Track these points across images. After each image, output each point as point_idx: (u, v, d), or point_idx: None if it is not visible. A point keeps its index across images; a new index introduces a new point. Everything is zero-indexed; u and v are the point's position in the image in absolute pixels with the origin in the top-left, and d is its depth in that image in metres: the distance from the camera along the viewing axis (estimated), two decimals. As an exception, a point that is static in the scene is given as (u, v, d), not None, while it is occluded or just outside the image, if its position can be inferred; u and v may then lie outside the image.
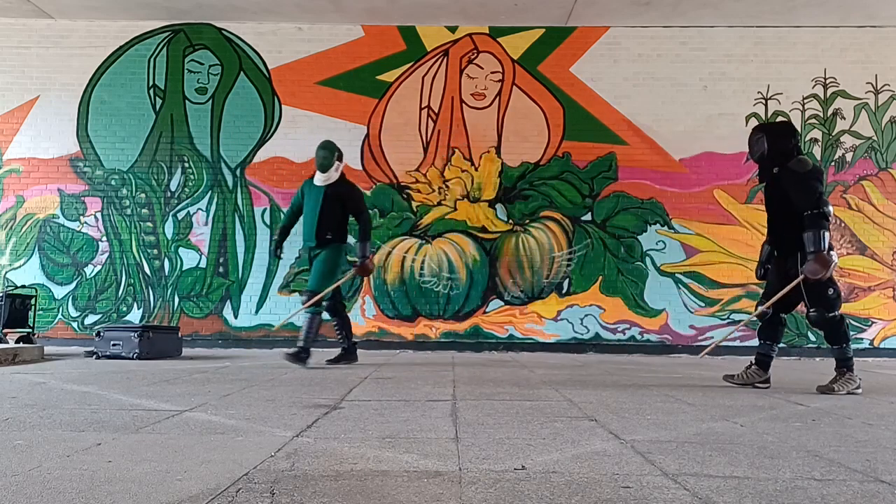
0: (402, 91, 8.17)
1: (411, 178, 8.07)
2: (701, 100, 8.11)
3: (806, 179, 4.11)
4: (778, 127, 4.52)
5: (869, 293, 7.86)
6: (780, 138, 4.31)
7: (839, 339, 4.14)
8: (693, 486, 1.84)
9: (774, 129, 4.45)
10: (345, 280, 5.86)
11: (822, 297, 4.07)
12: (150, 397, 3.51)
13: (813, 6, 7.60)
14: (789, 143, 4.29)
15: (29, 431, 2.52)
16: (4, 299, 6.73)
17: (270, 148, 8.12)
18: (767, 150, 4.31)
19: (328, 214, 5.59)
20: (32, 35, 8.21)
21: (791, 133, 4.37)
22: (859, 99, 8.07)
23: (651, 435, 2.60)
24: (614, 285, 7.90)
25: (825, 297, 4.06)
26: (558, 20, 8.04)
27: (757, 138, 4.41)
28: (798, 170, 4.14)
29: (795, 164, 4.17)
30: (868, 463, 2.16)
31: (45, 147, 8.14)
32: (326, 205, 5.59)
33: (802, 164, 4.16)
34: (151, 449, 2.24)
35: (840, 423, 2.96)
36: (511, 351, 7.78)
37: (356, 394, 3.75)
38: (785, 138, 4.31)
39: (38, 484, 1.79)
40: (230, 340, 7.83)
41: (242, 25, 8.20)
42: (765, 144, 4.33)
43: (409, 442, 2.40)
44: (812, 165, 4.20)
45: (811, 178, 4.12)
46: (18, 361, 5.50)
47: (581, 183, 8.02)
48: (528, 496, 1.72)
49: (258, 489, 1.75)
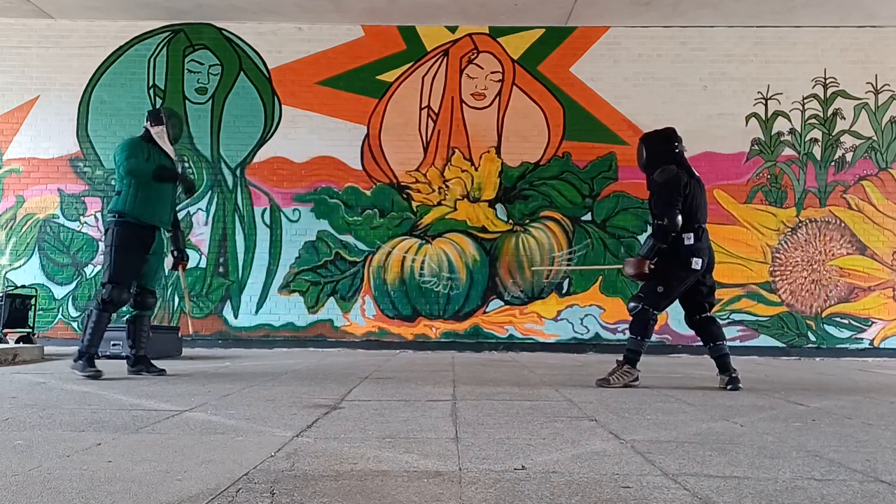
0: (402, 91, 8.17)
1: (411, 178, 8.07)
2: (701, 100, 8.11)
3: (661, 189, 4.23)
4: (656, 134, 4.54)
5: (869, 293, 7.86)
6: (656, 146, 4.38)
7: (638, 331, 4.29)
8: (693, 486, 1.84)
9: (651, 138, 4.48)
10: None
11: (650, 291, 4.27)
12: (150, 397, 3.51)
13: (813, 6, 7.60)
14: (665, 150, 4.34)
15: (29, 431, 2.52)
16: (4, 299, 6.73)
17: (270, 148, 8.12)
18: (646, 159, 4.40)
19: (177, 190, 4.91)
20: (32, 35, 8.21)
21: (666, 140, 4.40)
22: (859, 99, 8.07)
23: (651, 435, 2.60)
24: (614, 285, 7.90)
25: (652, 291, 4.26)
26: (558, 20, 8.04)
27: (639, 147, 4.50)
28: (658, 179, 4.26)
29: (658, 174, 4.27)
30: (868, 463, 2.16)
31: (45, 147, 8.14)
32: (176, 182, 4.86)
33: (663, 174, 4.24)
34: (151, 449, 2.24)
35: (840, 423, 2.96)
36: (511, 351, 7.78)
37: (356, 394, 3.75)
38: (660, 145, 4.38)
39: (38, 484, 1.79)
40: (230, 340, 7.83)
41: (242, 25, 8.20)
42: (644, 153, 4.42)
43: (409, 442, 2.40)
44: (672, 174, 4.22)
45: (666, 187, 4.21)
46: (18, 361, 5.50)
47: (581, 183, 8.02)
48: (528, 496, 1.72)
49: (258, 489, 1.75)
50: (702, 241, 4.26)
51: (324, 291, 7.95)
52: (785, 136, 8.06)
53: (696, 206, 4.26)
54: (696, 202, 4.28)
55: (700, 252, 4.22)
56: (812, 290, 7.88)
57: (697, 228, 4.25)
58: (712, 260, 4.39)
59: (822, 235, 7.92)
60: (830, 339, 7.80)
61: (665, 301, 4.30)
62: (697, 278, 4.28)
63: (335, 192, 8.05)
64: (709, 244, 4.35)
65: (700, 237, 4.25)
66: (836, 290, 7.87)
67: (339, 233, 8.00)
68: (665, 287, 4.24)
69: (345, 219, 8.02)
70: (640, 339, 4.28)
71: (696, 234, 4.23)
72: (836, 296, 7.86)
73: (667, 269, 4.25)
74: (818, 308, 7.86)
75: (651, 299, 4.26)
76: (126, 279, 4.61)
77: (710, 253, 4.34)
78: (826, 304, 7.85)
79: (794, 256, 7.91)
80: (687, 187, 4.21)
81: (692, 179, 4.29)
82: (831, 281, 7.88)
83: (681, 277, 4.24)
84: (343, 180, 8.07)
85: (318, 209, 8.03)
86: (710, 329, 4.35)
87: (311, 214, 8.03)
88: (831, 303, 7.85)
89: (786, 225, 7.95)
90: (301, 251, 8.00)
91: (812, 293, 7.87)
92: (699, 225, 4.27)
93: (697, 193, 4.29)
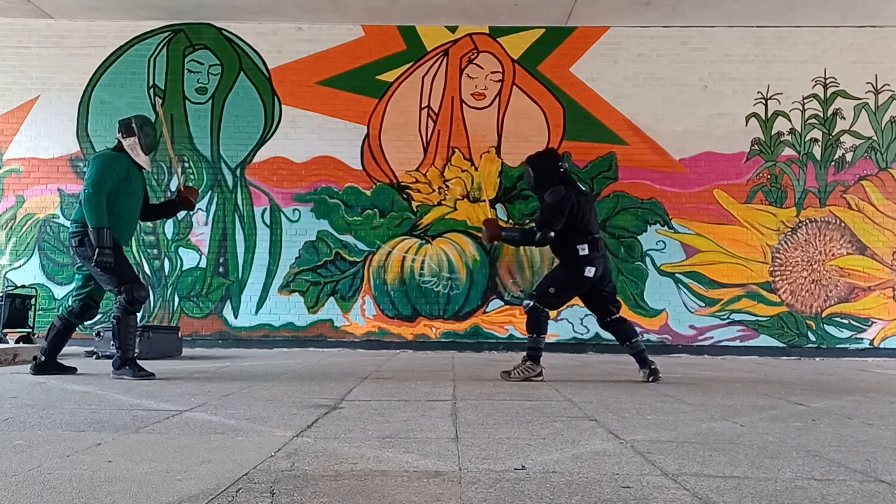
0: (402, 91, 8.17)
1: (411, 178, 8.07)
2: (701, 100, 8.11)
3: (548, 208, 4.48)
4: (541, 155, 4.80)
5: (869, 293, 7.86)
6: (542, 167, 4.63)
7: (533, 328, 4.50)
8: (693, 486, 1.84)
9: (538, 159, 4.71)
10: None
11: (543, 291, 4.53)
12: (150, 397, 3.51)
13: (813, 6, 7.60)
14: (551, 170, 4.60)
15: (29, 431, 2.52)
16: (4, 299, 6.73)
17: (270, 148, 8.12)
18: (534, 180, 4.64)
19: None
20: (32, 35, 8.21)
21: (551, 160, 4.67)
22: (859, 99, 8.07)
23: (651, 435, 2.60)
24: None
25: (545, 292, 4.51)
26: (558, 20, 8.04)
27: (525, 170, 4.75)
28: (548, 199, 4.51)
29: (548, 194, 4.53)
30: (868, 463, 2.16)
31: (45, 147, 8.14)
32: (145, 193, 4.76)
33: (553, 194, 4.49)
34: (151, 449, 2.24)
35: (840, 423, 2.96)
36: (511, 351, 7.77)
37: (356, 394, 3.75)
38: (547, 166, 4.62)
39: (38, 484, 1.79)
40: (230, 340, 7.83)
41: (242, 25, 8.20)
42: (532, 174, 4.66)
43: (409, 442, 2.40)
44: (561, 196, 4.45)
45: (552, 208, 4.46)
46: (18, 361, 5.50)
47: (581, 183, 8.00)
48: (528, 496, 1.72)
49: (258, 489, 1.75)
50: (595, 250, 4.52)
51: (324, 291, 7.95)
52: (785, 136, 8.06)
53: (586, 219, 4.53)
54: (587, 216, 4.54)
55: (594, 261, 4.49)
56: (812, 290, 7.88)
57: (591, 239, 4.51)
58: (608, 267, 4.67)
59: (822, 235, 7.92)
60: (830, 339, 7.80)
61: (555, 302, 4.58)
62: (594, 284, 4.55)
63: (335, 192, 8.05)
64: (604, 252, 4.62)
65: (594, 247, 4.51)
66: (836, 290, 7.87)
67: (339, 233, 8.00)
68: (556, 290, 4.53)
69: (345, 219, 8.02)
70: (537, 336, 4.51)
71: (591, 245, 4.50)
72: (836, 296, 7.86)
73: (562, 274, 4.59)
74: (818, 308, 7.86)
75: (543, 299, 4.51)
76: (133, 275, 4.56)
77: (604, 261, 4.60)
78: (826, 304, 7.85)
79: (794, 256, 7.91)
80: (575, 205, 4.47)
81: (580, 195, 4.55)
82: (831, 281, 7.88)
83: (574, 284, 4.54)
84: (343, 180, 8.07)
85: (318, 209, 8.04)
86: (623, 328, 4.65)
87: (311, 214, 8.03)
88: (831, 303, 7.85)
89: (786, 225, 7.95)
90: (301, 251, 8.00)
91: (812, 293, 7.87)
92: (592, 236, 4.53)
93: (586, 207, 4.56)
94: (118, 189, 4.43)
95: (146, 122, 4.64)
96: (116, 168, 4.42)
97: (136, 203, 4.63)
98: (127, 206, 4.52)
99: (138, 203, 4.65)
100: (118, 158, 4.49)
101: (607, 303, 4.66)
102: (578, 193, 4.55)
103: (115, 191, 4.42)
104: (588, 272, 4.46)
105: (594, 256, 4.50)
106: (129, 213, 4.56)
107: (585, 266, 4.47)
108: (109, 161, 4.44)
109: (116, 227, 4.44)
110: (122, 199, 4.47)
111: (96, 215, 4.28)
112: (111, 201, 4.40)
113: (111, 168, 4.40)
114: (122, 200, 4.48)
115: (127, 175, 4.48)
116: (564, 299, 4.65)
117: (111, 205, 4.40)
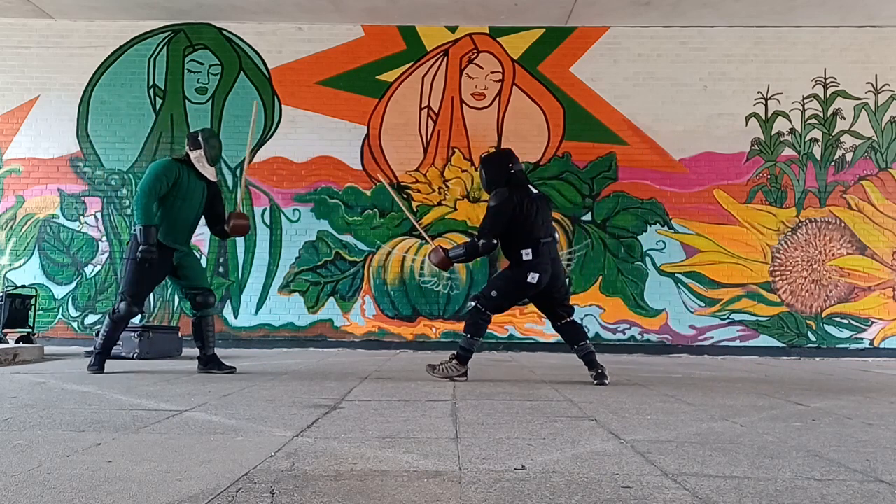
0: (402, 91, 8.17)
1: (411, 178, 8.07)
2: (701, 100, 8.11)
3: (489, 213, 4.44)
4: (492, 156, 4.79)
5: (869, 293, 7.86)
6: (493, 168, 4.58)
7: (471, 329, 4.47)
8: (693, 486, 1.84)
9: (489, 160, 4.67)
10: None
11: (487, 293, 4.49)
12: (150, 397, 3.51)
13: (813, 6, 7.60)
14: (502, 172, 4.51)
15: (29, 431, 2.52)
16: (4, 299, 6.73)
17: (270, 148, 8.11)
18: (486, 181, 4.59)
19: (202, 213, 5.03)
20: (32, 35, 8.21)
21: (503, 161, 4.60)
22: (859, 99, 8.07)
23: (651, 435, 2.60)
24: (614, 285, 7.90)
25: (488, 294, 4.47)
26: (558, 20, 8.04)
27: (479, 170, 4.72)
28: (490, 203, 4.46)
29: (492, 197, 4.47)
30: (868, 463, 2.16)
31: (45, 147, 8.14)
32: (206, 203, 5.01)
33: (495, 198, 4.43)
34: (151, 449, 2.24)
35: (840, 423, 2.96)
36: (511, 351, 7.78)
37: (356, 394, 3.75)
38: (498, 167, 4.55)
39: (38, 484, 1.79)
40: (230, 340, 7.83)
41: (242, 25, 8.20)
42: (483, 176, 4.62)
43: (409, 442, 2.40)
44: (502, 200, 4.38)
45: (493, 212, 4.41)
46: (18, 361, 5.50)
47: (581, 183, 8.02)
48: (528, 496, 1.72)
49: (258, 489, 1.75)
50: (541, 255, 4.41)
51: (324, 291, 7.95)
52: (785, 136, 8.06)
53: (533, 223, 4.41)
54: (534, 220, 4.41)
55: (538, 267, 4.38)
56: (812, 290, 7.88)
57: (537, 244, 4.40)
58: (558, 270, 4.55)
59: (822, 235, 7.92)
60: (830, 339, 7.80)
61: (497, 305, 4.51)
62: (540, 290, 4.44)
63: (335, 192, 8.05)
64: (554, 256, 4.52)
65: (539, 252, 4.40)
66: (836, 290, 7.87)
67: (339, 233, 8.00)
68: (498, 294, 4.46)
69: (345, 219, 8.02)
70: (471, 337, 4.47)
71: (536, 250, 4.38)
72: (836, 296, 7.86)
73: (506, 279, 4.51)
74: (818, 308, 7.86)
75: (486, 301, 4.47)
76: (139, 291, 4.78)
77: (554, 265, 4.50)
78: (826, 304, 7.85)
79: (794, 256, 7.91)
80: (519, 207, 4.37)
81: (529, 198, 4.43)
82: (831, 281, 7.88)
83: (517, 289, 4.46)
84: (343, 180, 8.07)
85: (318, 209, 8.04)
86: (573, 332, 4.56)
87: (311, 214, 8.03)
88: (831, 303, 7.85)
89: (786, 225, 7.95)
90: (301, 251, 8.00)
91: (812, 293, 7.87)
92: (539, 240, 4.42)
93: (535, 211, 4.45)
94: (168, 194, 4.72)
95: (212, 134, 4.96)
96: (166, 174, 4.70)
97: (189, 210, 4.86)
98: (176, 210, 4.78)
99: (192, 210, 4.88)
100: (170, 166, 4.76)
101: (560, 307, 4.56)
102: (527, 196, 4.43)
103: (166, 195, 4.72)
104: (531, 278, 4.35)
105: (539, 262, 4.38)
106: (178, 217, 4.81)
107: (528, 272, 4.36)
108: (160, 167, 4.74)
109: (164, 228, 4.73)
110: (171, 203, 4.75)
111: (143, 215, 4.61)
112: (161, 205, 4.72)
113: (161, 174, 4.69)
114: (172, 204, 4.75)
115: (177, 182, 4.74)
116: (507, 304, 4.60)
117: (161, 208, 4.72)
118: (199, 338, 4.93)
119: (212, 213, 5.06)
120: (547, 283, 4.44)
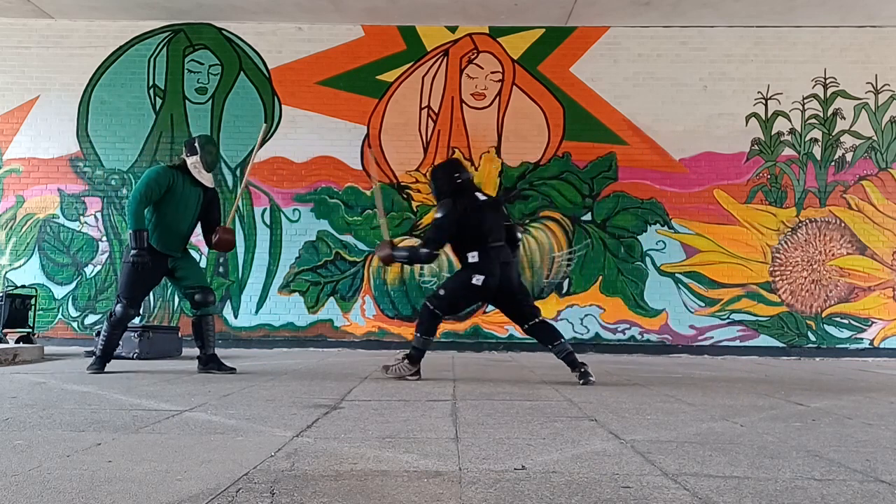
0: (402, 91, 8.17)
1: (411, 178, 8.07)
2: (701, 100, 8.11)
3: (434, 224, 4.53)
4: (440, 167, 4.87)
5: (869, 293, 7.86)
6: (440, 179, 4.68)
7: (421, 329, 4.53)
8: (693, 486, 1.84)
9: (436, 171, 4.80)
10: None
11: (436, 291, 4.62)
12: (150, 397, 3.51)
13: (813, 6, 7.60)
14: (448, 182, 4.60)
15: (29, 431, 2.52)
16: (4, 299, 6.73)
17: (270, 148, 8.11)
18: (435, 191, 4.71)
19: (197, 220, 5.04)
20: (32, 35, 8.21)
21: (449, 171, 4.67)
22: (859, 99, 8.07)
23: (651, 435, 2.60)
24: (614, 285, 7.90)
25: (437, 292, 4.60)
26: (558, 20, 8.04)
27: (429, 180, 4.85)
28: (435, 214, 4.54)
29: (437, 209, 4.54)
30: (868, 463, 2.16)
31: (45, 147, 8.14)
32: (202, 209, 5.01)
33: (440, 209, 4.50)
34: (151, 449, 2.24)
35: (840, 423, 2.96)
36: (511, 351, 7.78)
37: (356, 394, 3.75)
38: (444, 178, 4.64)
39: (38, 484, 1.79)
40: (230, 340, 7.83)
41: (242, 25, 8.20)
42: (432, 187, 4.77)
43: (409, 442, 2.40)
44: (446, 211, 4.45)
45: (437, 224, 4.50)
46: (18, 361, 5.50)
47: (581, 183, 8.02)
48: (528, 496, 1.72)
49: (258, 489, 1.75)
50: (489, 259, 4.43)
51: (324, 291, 7.95)
52: (785, 136, 8.06)
53: (479, 228, 4.45)
54: (483, 225, 4.45)
55: (484, 270, 4.41)
56: (812, 290, 7.88)
57: (484, 248, 4.42)
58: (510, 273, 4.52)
59: (822, 235, 7.92)
60: (830, 339, 7.80)
61: (447, 304, 4.54)
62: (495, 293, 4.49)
63: (335, 192, 8.05)
64: (506, 260, 4.51)
65: (487, 256, 4.41)
66: (836, 290, 7.87)
67: (339, 233, 8.00)
68: (446, 293, 4.54)
69: (345, 219, 8.02)
70: (421, 336, 4.51)
71: (483, 254, 4.42)
72: (836, 296, 7.86)
73: (454, 280, 4.62)
74: (818, 308, 7.86)
75: (436, 300, 4.54)
76: (135, 295, 4.80)
77: (508, 268, 4.49)
78: (826, 304, 7.85)
79: (794, 256, 7.91)
80: (464, 214, 4.43)
81: (475, 205, 4.49)
82: (831, 281, 7.88)
83: (463, 290, 4.51)
84: (343, 180, 8.07)
85: (318, 209, 8.04)
86: (544, 332, 4.55)
87: (311, 214, 8.03)
88: (831, 303, 7.85)
89: (786, 225, 7.95)
90: (301, 251, 8.00)
91: (812, 293, 7.87)
92: (488, 244, 4.45)
93: (481, 217, 4.48)
94: (162, 201, 4.76)
95: (209, 141, 4.97)
96: (159, 181, 4.73)
97: (183, 216, 4.87)
98: (170, 217, 4.80)
99: (186, 217, 4.90)
100: (164, 173, 4.79)
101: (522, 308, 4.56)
102: (473, 203, 4.49)
103: (160, 202, 4.76)
104: (476, 280, 4.39)
105: (485, 265, 4.40)
106: (172, 224, 4.83)
107: (473, 273, 4.41)
108: (153, 174, 4.77)
109: (157, 235, 4.78)
110: (164, 210, 4.78)
111: (134, 220, 4.67)
112: (156, 212, 4.77)
113: (154, 181, 4.72)
114: (166, 211, 4.78)
115: (171, 189, 4.77)
116: (455, 304, 4.63)
117: (154, 215, 4.77)
118: (199, 338, 4.94)
119: (207, 219, 5.07)
120: (502, 287, 4.47)
